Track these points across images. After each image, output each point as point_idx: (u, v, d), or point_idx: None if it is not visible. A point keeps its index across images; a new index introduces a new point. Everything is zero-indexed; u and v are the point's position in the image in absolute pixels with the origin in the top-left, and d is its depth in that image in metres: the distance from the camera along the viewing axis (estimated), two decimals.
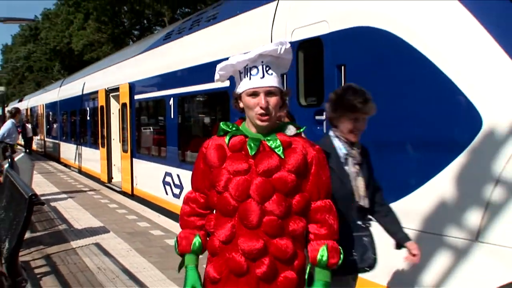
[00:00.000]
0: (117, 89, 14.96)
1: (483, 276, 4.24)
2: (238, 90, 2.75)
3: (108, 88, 16.07)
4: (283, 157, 2.67)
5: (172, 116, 10.89)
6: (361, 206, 3.58)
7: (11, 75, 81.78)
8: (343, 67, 5.79)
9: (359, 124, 3.53)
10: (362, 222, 3.61)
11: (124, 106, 14.44)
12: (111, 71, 16.69)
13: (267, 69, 2.67)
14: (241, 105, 2.76)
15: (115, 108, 15.91)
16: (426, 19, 4.96)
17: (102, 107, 16.68)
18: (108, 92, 16.12)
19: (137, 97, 13.36)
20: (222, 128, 2.81)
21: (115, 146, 16.06)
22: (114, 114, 16.13)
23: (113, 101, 16.06)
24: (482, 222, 4.25)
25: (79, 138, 21.41)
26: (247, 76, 2.69)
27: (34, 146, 31.80)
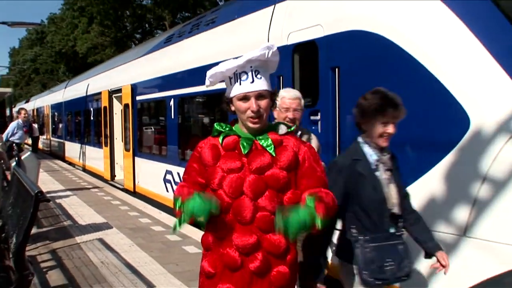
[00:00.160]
0: (119, 90, 14.94)
1: (471, 269, 4.25)
2: (228, 94, 2.75)
3: (111, 89, 16.05)
4: (275, 155, 2.67)
5: (172, 116, 10.89)
6: (394, 214, 3.39)
7: (19, 77, 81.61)
8: (337, 69, 5.80)
9: (389, 128, 3.33)
10: (395, 230, 3.42)
11: (126, 106, 14.42)
12: (114, 73, 16.67)
13: (256, 73, 2.66)
14: (232, 108, 2.75)
15: (118, 108, 15.88)
16: (415, 23, 4.97)
17: (105, 108, 16.66)
18: (111, 93, 16.09)
19: (138, 98, 13.34)
20: (216, 128, 2.81)
21: (118, 145, 16.03)
22: (116, 114, 16.10)
23: (116, 102, 16.03)
24: (469, 218, 4.26)
25: (83, 138, 21.38)
26: (237, 81, 2.67)
27: (40, 145, 31.75)
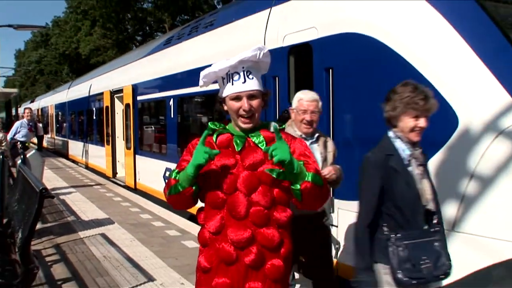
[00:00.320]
0: (121, 90, 14.92)
1: (459, 262, 4.25)
2: (221, 95, 2.74)
3: (112, 89, 16.03)
4: None
5: (172, 115, 10.88)
6: (428, 210, 3.21)
7: (24, 78, 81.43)
8: (331, 70, 5.80)
9: (421, 122, 3.17)
10: (429, 227, 3.21)
11: (127, 106, 14.41)
12: (116, 74, 16.64)
13: (248, 74, 2.65)
14: (225, 108, 2.74)
15: (119, 108, 15.85)
16: (406, 26, 4.98)
17: (107, 107, 16.64)
18: (112, 93, 16.07)
19: (139, 98, 13.32)
20: (211, 127, 2.79)
21: (119, 144, 16.01)
22: (118, 114, 16.07)
23: (117, 101, 16.01)
24: (458, 213, 4.27)
25: (86, 136, 21.35)
26: (230, 81, 2.67)
27: (45, 144, 31.68)
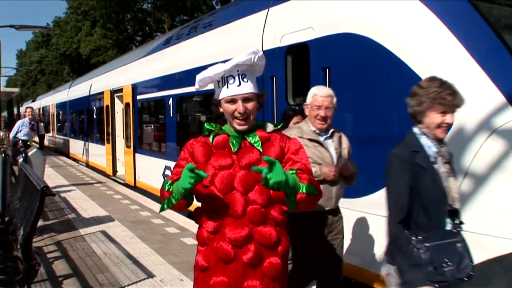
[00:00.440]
0: (121, 90, 14.91)
1: None
2: (217, 97, 2.75)
3: (113, 89, 16.02)
4: (262, 150, 2.67)
5: (171, 114, 10.88)
6: (453, 209, 3.07)
7: (25, 78, 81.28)
8: (328, 70, 5.81)
9: (448, 118, 3.00)
10: (453, 227, 3.06)
11: (127, 105, 14.40)
12: (116, 74, 16.62)
13: (243, 77, 2.66)
14: (220, 110, 2.75)
15: (119, 107, 15.84)
16: (401, 26, 4.99)
17: (108, 107, 16.63)
18: (113, 92, 16.06)
19: (139, 97, 13.32)
20: (207, 128, 2.80)
21: (119, 142, 16.01)
22: (118, 113, 16.06)
23: (117, 101, 15.99)
24: None
25: (87, 135, 21.34)
26: (225, 85, 2.67)
27: (46, 143, 31.64)
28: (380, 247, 5.09)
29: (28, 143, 13.53)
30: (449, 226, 3.05)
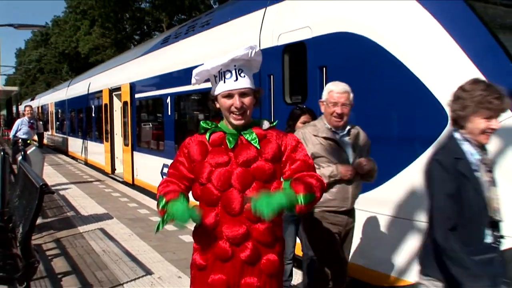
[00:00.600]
0: (119, 88, 14.89)
1: None
2: (214, 93, 2.73)
3: (111, 87, 16.00)
4: (259, 147, 2.64)
5: (169, 113, 10.87)
6: (494, 221, 2.81)
7: (24, 76, 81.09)
8: (325, 68, 5.81)
9: (493, 123, 2.76)
10: (493, 240, 2.80)
11: (125, 104, 14.39)
12: (114, 72, 16.60)
13: (240, 72, 2.64)
14: (217, 105, 2.73)
15: (118, 106, 15.82)
16: (397, 26, 4.99)
17: (106, 105, 16.60)
18: (111, 91, 16.04)
19: (137, 95, 13.30)
20: (203, 126, 2.78)
21: (118, 141, 16.00)
22: (116, 111, 16.05)
23: (116, 99, 15.96)
24: None
25: (85, 134, 21.32)
26: (222, 79, 2.65)
27: (45, 141, 31.59)
28: (380, 247, 5.10)
29: (28, 142, 13.51)
30: (489, 239, 2.80)
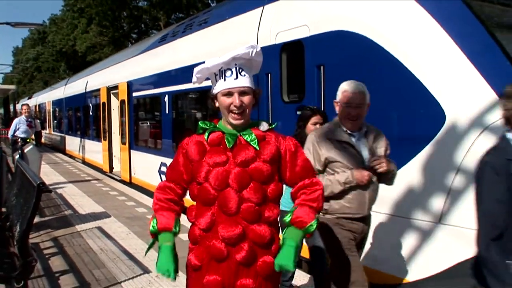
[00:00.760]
0: (117, 87, 14.88)
1: (445, 253, 4.29)
2: (213, 91, 2.72)
3: (109, 86, 15.98)
4: (258, 148, 2.64)
5: (167, 111, 10.86)
6: None
7: (22, 75, 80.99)
8: (322, 67, 5.81)
9: None
10: None
11: (122, 102, 14.37)
12: (111, 71, 16.58)
13: (240, 70, 2.64)
14: (216, 104, 2.72)
15: (116, 104, 15.80)
16: (395, 24, 4.99)
17: (104, 104, 16.57)
18: (109, 89, 16.02)
19: (134, 94, 13.30)
20: (201, 126, 2.77)
21: (116, 139, 15.99)
22: (114, 110, 16.03)
23: (113, 98, 15.94)
24: (444, 206, 4.30)
25: (83, 132, 21.30)
26: (222, 77, 2.65)
27: (43, 140, 31.55)
28: (377, 245, 5.10)
29: (27, 141, 13.49)
30: None
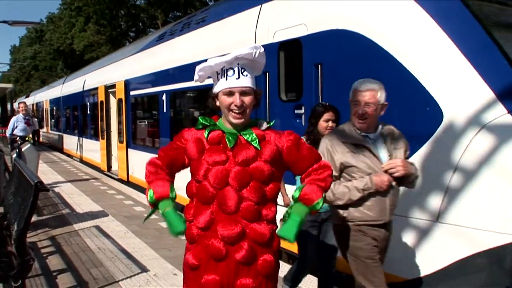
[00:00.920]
0: (114, 85, 14.86)
1: (443, 252, 4.30)
2: (215, 90, 2.71)
3: (106, 84, 15.96)
4: (259, 148, 2.63)
5: (164, 110, 10.86)
6: None
7: (19, 74, 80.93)
8: (320, 66, 5.82)
9: None
10: None
11: (120, 101, 14.37)
12: (109, 70, 16.56)
13: (243, 70, 2.64)
14: (217, 103, 2.72)
15: (114, 103, 15.79)
16: (393, 23, 5.00)
17: (102, 102, 16.56)
18: (107, 88, 16.00)
19: (132, 93, 13.29)
20: (201, 122, 2.76)
21: (114, 138, 15.97)
22: (113, 108, 16.01)
23: (112, 96, 15.94)
24: (442, 205, 4.31)
25: (81, 131, 21.28)
26: (224, 77, 2.65)
27: (41, 138, 31.50)
28: None
29: (26, 139, 13.47)
30: None
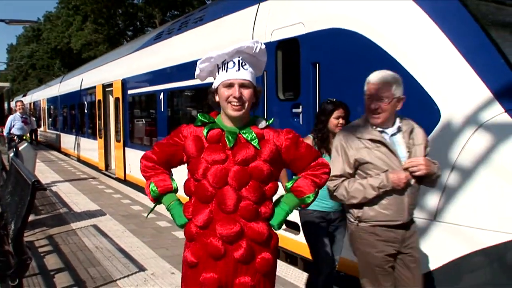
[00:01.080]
0: (111, 84, 14.84)
1: (441, 250, 4.30)
2: (215, 84, 2.72)
3: (104, 83, 15.94)
4: (259, 148, 2.64)
5: (162, 109, 10.86)
6: None
7: (16, 72, 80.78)
8: (317, 65, 5.82)
9: None
10: None
11: (117, 100, 14.35)
12: (106, 69, 16.54)
13: (243, 64, 2.65)
14: (217, 99, 2.72)
15: (112, 102, 15.77)
16: (391, 22, 5.00)
17: (100, 101, 16.53)
18: (105, 87, 15.97)
19: (129, 92, 13.28)
20: (200, 119, 2.76)
21: (112, 137, 15.94)
22: (110, 107, 15.98)
23: (109, 95, 15.90)
24: (439, 204, 4.31)
25: (78, 130, 21.24)
26: (225, 69, 2.66)
27: (38, 138, 31.46)
28: None
29: (24, 138, 13.44)
30: None
